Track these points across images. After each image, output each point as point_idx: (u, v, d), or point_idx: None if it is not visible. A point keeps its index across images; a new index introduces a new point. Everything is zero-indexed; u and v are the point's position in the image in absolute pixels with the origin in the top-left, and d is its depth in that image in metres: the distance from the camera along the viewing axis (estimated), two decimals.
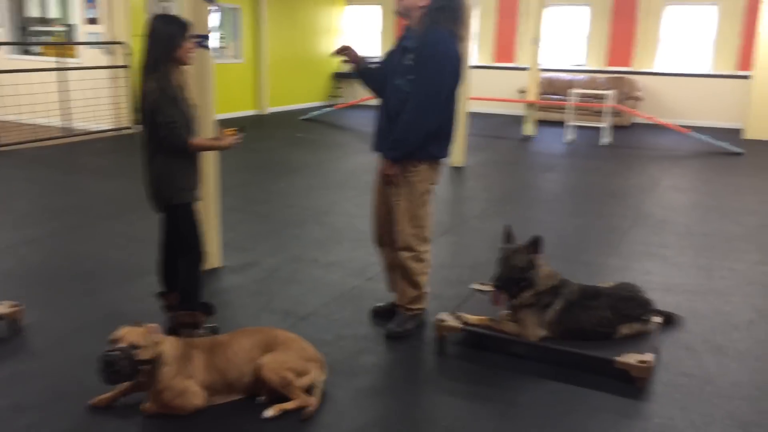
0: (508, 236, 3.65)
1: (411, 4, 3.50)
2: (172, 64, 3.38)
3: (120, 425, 2.90)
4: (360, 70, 3.82)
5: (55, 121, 10.20)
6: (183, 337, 3.22)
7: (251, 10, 13.24)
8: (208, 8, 4.51)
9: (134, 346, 2.85)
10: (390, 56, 3.74)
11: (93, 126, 10.31)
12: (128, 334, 2.88)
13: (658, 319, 3.80)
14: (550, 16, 13.61)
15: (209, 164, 4.65)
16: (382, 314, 4.03)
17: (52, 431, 2.85)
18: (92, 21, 10.68)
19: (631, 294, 3.73)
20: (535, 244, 3.53)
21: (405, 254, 3.72)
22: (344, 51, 3.72)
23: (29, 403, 3.05)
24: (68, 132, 10.08)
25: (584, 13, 14.11)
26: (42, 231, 5.67)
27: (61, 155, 8.97)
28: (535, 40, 11.32)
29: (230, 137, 3.57)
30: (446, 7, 3.44)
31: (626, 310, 3.61)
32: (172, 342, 3.03)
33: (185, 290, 3.64)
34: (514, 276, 3.50)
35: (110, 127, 10.42)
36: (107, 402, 3.03)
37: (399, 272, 3.82)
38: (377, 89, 3.80)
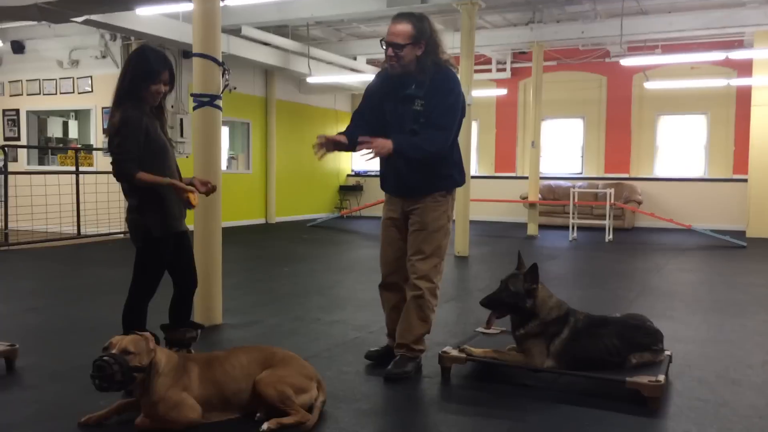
0: (519, 261, 3.65)
1: (409, 59, 3.60)
2: (137, 101, 3.38)
3: None
4: (343, 149, 3.76)
5: (68, 227, 10.39)
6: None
7: (261, 125, 13.89)
8: (222, 76, 4.81)
9: (126, 352, 2.79)
10: (380, 108, 3.73)
11: (104, 230, 10.50)
12: (120, 341, 2.83)
13: (668, 352, 3.70)
14: (547, 127, 14.20)
15: (213, 207, 4.74)
16: (376, 359, 3.90)
17: None
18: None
19: (640, 323, 3.66)
20: (532, 272, 3.52)
21: (425, 284, 3.64)
22: (323, 146, 3.63)
23: (17, 423, 2.94)
24: (80, 235, 10.25)
25: (578, 125, 14.73)
26: (44, 302, 5.67)
27: (70, 251, 9.10)
28: (534, 144, 11.75)
29: (192, 192, 3.42)
30: (429, 43, 3.60)
31: (635, 339, 3.53)
32: (167, 353, 2.97)
33: (123, 318, 3.49)
34: (505, 299, 3.49)
35: (124, 230, 10.59)
36: (98, 419, 2.92)
37: (411, 307, 3.68)
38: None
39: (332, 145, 3.66)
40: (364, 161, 3.51)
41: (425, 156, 3.56)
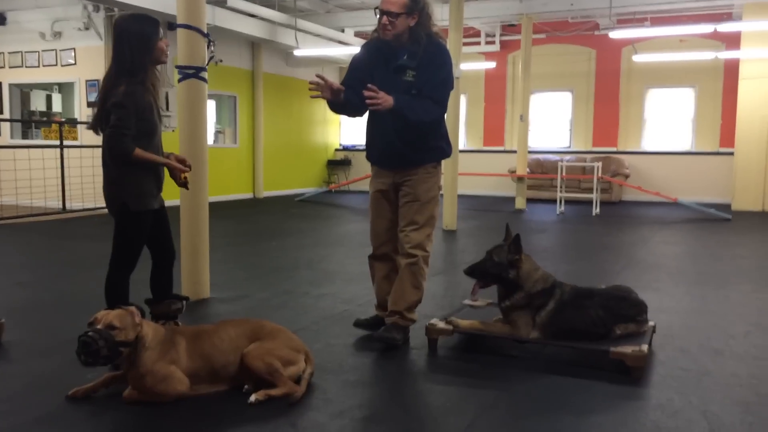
0: (507, 233, 3.68)
1: (402, 29, 3.58)
2: (150, 65, 3.38)
3: (95, 410, 2.80)
4: (335, 101, 3.67)
5: (53, 202, 10.30)
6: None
7: (248, 98, 13.76)
8: (208, 48, 4.73)
9: (111, 327, 2.78)
10: (369, 79, 3.55)
11: (90, 204, 10.41)
12: (105, 316, 2.83)
13: (652, 323, 3.75)
14: (535, 101, 14.17)
15: (200, 181, 4.70)
16: (365, 327, 3.96)
17: (25, 418, 2.73)
18: (94, 104, 11.06)
19: (625, 294, 3.70)
20: (515, 244, 3.54)
21: (420, 252, 3.70)
22: (320, 88, 3.55)
23: (5, 397, 2.94)
24: (65, 209, 10.17)
25: (567, 98, 14.71)
26: (30, 277, 5.64)
27: (56, 226, 9.04)
28: (523, 117, 11.73)
29: (181, 167, 3.55)
30: (422, 15, 3.60)
31: (620, 310, 3.57)
32: (154, 327, 2.97)
33: (105, 293, 3.47)
34: (489, 269, 3.56)
35: None
36: (85, 392, 2.93)
37: (405, 274, 3.71)
38: (355, 109, 3.75)
39: (329, 91, 3.58)
40: (367, 106, 3.48)
41: (419, 122, 3.58)
